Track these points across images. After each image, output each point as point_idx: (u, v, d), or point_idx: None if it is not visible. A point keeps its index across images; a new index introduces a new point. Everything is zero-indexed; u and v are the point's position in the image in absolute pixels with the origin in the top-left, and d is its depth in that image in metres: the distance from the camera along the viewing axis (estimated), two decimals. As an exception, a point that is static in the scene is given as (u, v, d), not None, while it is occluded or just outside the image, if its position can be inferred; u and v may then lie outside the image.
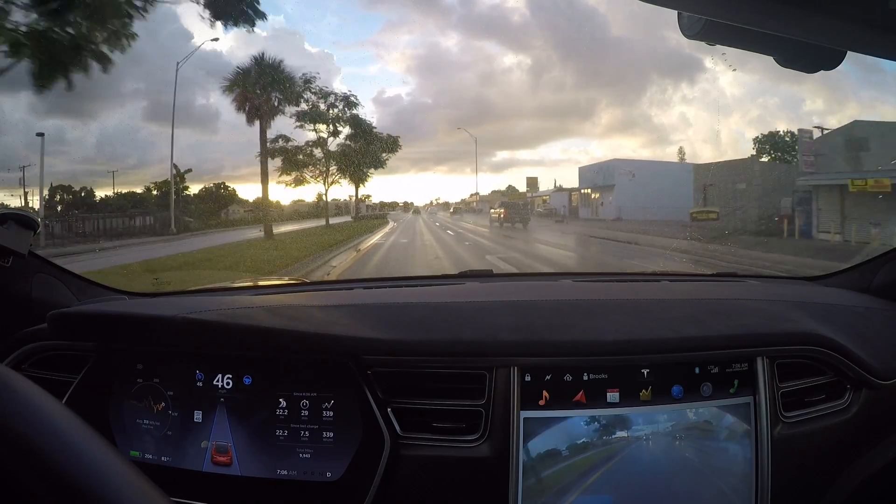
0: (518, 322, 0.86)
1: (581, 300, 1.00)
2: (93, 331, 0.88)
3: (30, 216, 0.86)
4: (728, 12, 0.56)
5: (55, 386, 0.87)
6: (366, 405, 0.80)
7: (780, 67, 0.65)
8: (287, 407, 0.81)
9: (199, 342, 0.84)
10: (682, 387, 0.81)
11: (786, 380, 0.86)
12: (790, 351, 0.87)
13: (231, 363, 0.84)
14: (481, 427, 0.79)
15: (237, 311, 0.87)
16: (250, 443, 0.81)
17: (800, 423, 0.85)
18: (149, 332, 0.86)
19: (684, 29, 0.61)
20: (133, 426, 0.84)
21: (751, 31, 0.58)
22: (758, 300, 1.01)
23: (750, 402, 0.83)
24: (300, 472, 0.79)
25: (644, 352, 0.81)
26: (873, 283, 1.15)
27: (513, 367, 0.79)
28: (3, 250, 0.84)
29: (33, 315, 0.95)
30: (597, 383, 0.79)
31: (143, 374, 0.85)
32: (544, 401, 0.79)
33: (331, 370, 0.82)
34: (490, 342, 0.82)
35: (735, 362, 0.84)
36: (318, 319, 0.89)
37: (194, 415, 0.83)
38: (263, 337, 0.83)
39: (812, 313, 0.95)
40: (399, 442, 0.79)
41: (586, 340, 0.82)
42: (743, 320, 0.89)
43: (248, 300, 1.05)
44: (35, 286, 0.99)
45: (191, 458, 0.82)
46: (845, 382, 0.91)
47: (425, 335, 0.84)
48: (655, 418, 0.80)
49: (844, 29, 0.57)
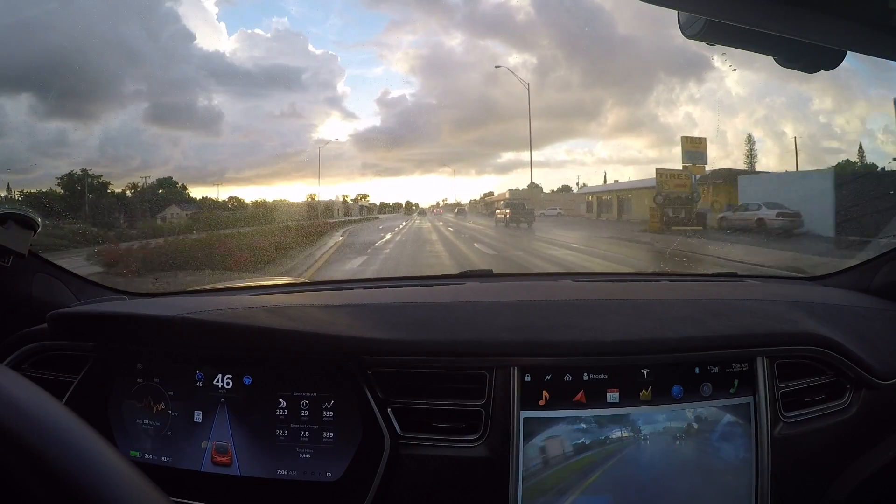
0: (518, 322, 0.86)
1: (581, 300, 1.00)
2: (93, 331, 0.88)
3: (30, 216, 0.86)
4: (728, 12, 0.56)
5: (55, 386, 0.87)
6: (366, 405, 0.80)
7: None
8: (287, 407, 0.81)
9: (199, 342, 0.84)
10: (682, 387, 0.81)
11: (786, 380, 0.86)
12: (790, 351, 0.87)
13: (231, 363, 0.84)
14: (481, 427, 0.79)
15: (237, 311, 0.87)
16: (250, 443, 0.81)
17: (800, 422, 0.85)
18: (149, 332, 0.86)
19: (684, 29, 0.61)
20: (133, 426, 0.84)
21: (751, 31, 0.58)
22: (758, 300, 1.01)
23: (750, 402, 0.83)
24: (300, 472, 0.79)
25: (644, 352, 0.81)
26: (873, 283, 1.15)
27: (513, 367, 0.79)
28: (3, 250, 0.84)
29: (33, 315, 0.95)
30: (597, 383, 0.79)
31: (143, 374, 0.85)
32: (544, 401, 0.79)
33: (331, 370, 0.82)
34: (490, 342, 0.82)
35: (735, 362, 0.83)
36: (318, 319, 0.89)
37: (194, 415, 0.83)
38: (263, 337, 0.83)
39: (812, 313, 0.95)
40: (399, 442, 0.79)
41: (586, 340, 0.82)
42: (743, 320, 0.89)
43: (248, 300, 1.05)
44: (35, 286, 0.99)
45: (191, 458, 0.82)
46: (845, 382, 0.91)
47: (425, 335, 0.84)
48: (655, 418, 0.80)
49: (844, 29, 0.57)
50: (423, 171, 14.59)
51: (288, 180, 17.25)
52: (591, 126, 17.89)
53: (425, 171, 14.60)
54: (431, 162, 15.28)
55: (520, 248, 8.06)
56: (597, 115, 17.67)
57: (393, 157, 16.74)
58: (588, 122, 17.80)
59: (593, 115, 17.65)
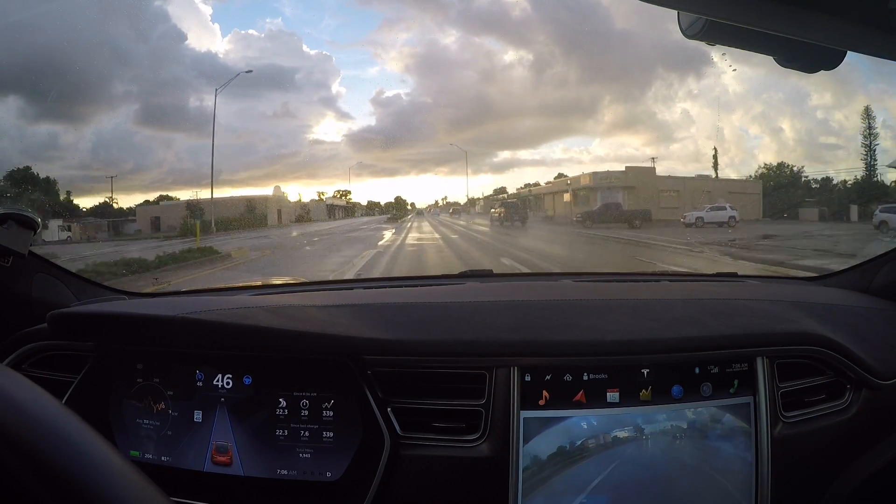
0: (518, 322, 0.86)
1: (581, 300, 1.00)
2: (93, 331, 0.88)
3: (30, 216, 0.86)
4: (728, 12, 0.56)
5: (55, 386, 0.87)
6: (366, 405, 0.80)
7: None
8: (287, 407, 0.81)
9: (199, 342, 0.84)
10: (682, 387, 0.81)
11: (786, 380, 0.86)
12: (790, 351, 0.87)
13: (231, 363, 0.84)
14: (481, 427, 0.79)
15: (237, 311, 0.87)
16: (250, 443, 0.81)
17: (800, 422, 0.85)
18: (149, 332, 0.86)
19: (684, 29, 0.61)
20: (133, 426, 0.84)
21: (751, 31, 0.58)
22: (757, 300, 1.01)
23: (750, 401, 0.83)
24: (300, 471, 0.79)
25: (644, 352, 0.81)
26: (873, 283, 1.15)
27: (513, 367, 0.79)
28: (3, 250, 0.84)
29: (33, 315, 0.95)
30: (597, 383, 0.79)
31: (143, 374, 0.85)
32: (544, 401, 0.79)
33: (331, 370, 0.82)
34: (490, 342, 0.82)
35: (735, 362, 0.83)
36: (318, 319, 0.89)
37: (194, 415, 0.83)
38: (263, 337, 0.83)
39: (812, 313, 0.95)
40: (399, 442, 0.79)
41: (586, 340, 0.82)
42: (743, 320, 0.89)
43: (248, 300, 1.05)
44: (35, 286, 0.99)
45: (191, 457, 0.82)
46: (845, 382, 0.91)
47: (425, 335, 0.84)
48: (655, 418, 0.80)
49: (844, 29, 0.57)
50: (418, 171, 14.40)
51: (283, 181, 17.10)
52: (588, 123, 17.69)
53: (421, 171, 14.39)
54: (427, 162, 15.08)
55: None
56: (594, 113, 17.48)
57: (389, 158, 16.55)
58: (585, 119, 17.60)
59: (590, 112, 17.45)
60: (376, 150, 16.73)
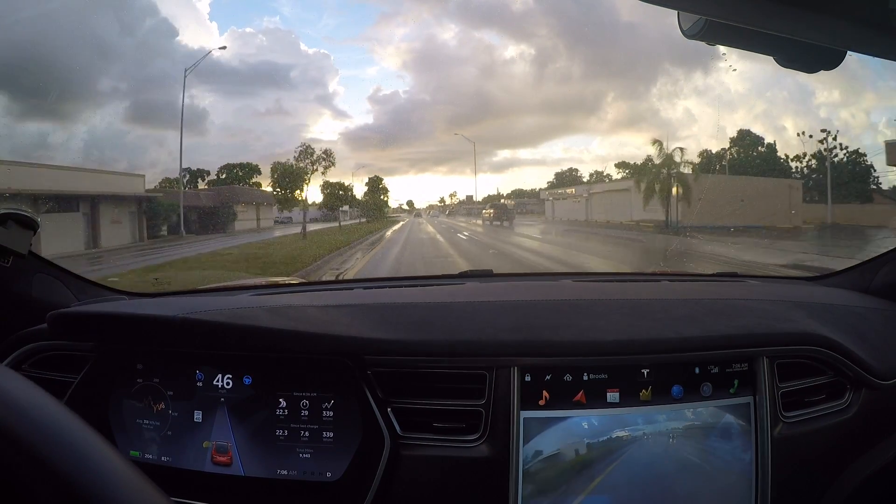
0: (518, 322, 0.86)
1: (581, 300, 1.00)
2: (92, 331, 0.88)
3: (30, 216, 0.86)
4: (728, 12, 0.56)
5: (55, 386, 0.87)
6: (366, 405, 0.80)
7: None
8: (287, 407, 0.81)
9: (199, 342, 0.84)
10: (682, 387, 0.81)
11: (786, 380, 0.86)
12: (790, 351, 0.87)
13: (231, 363, 0.84)
14: (481, 427, 0.79)
15: (237, 311, 0.87)
16: (250, 443, 0.81)
17: (800, 422, 0.85)
18: (149, 332, 0.86)
19: (684, 29, 0.61)
20: (133, 426, 0.84)
21: (751, 31, 0.58)
22: (758, 300, 1.01)
23: (750, 402, 0.83)
24: (300, 472, 0.79)
25: (644, 352, 0.81)
26: (873, 284, 1.15)
27: (513, 367, 0.79)
28: (3, 250, 0.84)
29: (33, 315, 0.95)
30: (597, 383, 0.79)
31: (143, 374, 0.85)
32: (544, 401, 0.79)
33: (331, 370, 0.82)
34: (490, 342, 0.82)
35: (735, 362, 0.84)
36: (318, 319, 0.89)
37: (194, 415, 0.83)
38: (263, 337, 0.83)
39: (812, 313, 0.95)
40: (399, 442, 0.79)
41: (586, 340, 0.82)
42: (743, 320, 0.89)
43: (248, 300, 1.05)
44: (35, 286, 0.99)
45: (191, 458, 0.82)
46: (845, 382, 0.91)
47: (425, 335, 0.84)
48: (655, 418, 0.80)
49: (844, 29, 0.57)
50: (417, 170, 14.17)
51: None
52: (590, 121, 17.44)
53: (419, 171, 14.17)
54: (426, 161, 14.88)
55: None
56: (596, 110, 17.24)
57: (387, 157, 16.44)
58: (588, 116, 17.37)
59: (593, 109, 17.21)
60: (374, 149, 16.60)
